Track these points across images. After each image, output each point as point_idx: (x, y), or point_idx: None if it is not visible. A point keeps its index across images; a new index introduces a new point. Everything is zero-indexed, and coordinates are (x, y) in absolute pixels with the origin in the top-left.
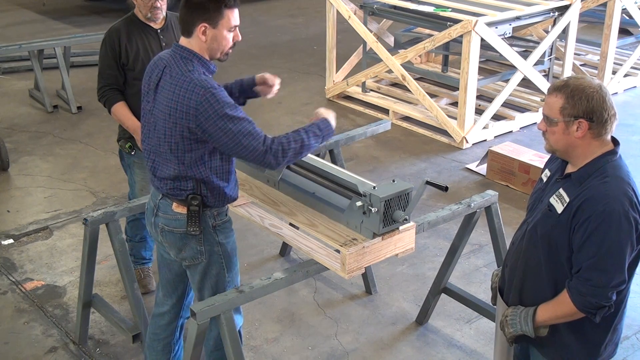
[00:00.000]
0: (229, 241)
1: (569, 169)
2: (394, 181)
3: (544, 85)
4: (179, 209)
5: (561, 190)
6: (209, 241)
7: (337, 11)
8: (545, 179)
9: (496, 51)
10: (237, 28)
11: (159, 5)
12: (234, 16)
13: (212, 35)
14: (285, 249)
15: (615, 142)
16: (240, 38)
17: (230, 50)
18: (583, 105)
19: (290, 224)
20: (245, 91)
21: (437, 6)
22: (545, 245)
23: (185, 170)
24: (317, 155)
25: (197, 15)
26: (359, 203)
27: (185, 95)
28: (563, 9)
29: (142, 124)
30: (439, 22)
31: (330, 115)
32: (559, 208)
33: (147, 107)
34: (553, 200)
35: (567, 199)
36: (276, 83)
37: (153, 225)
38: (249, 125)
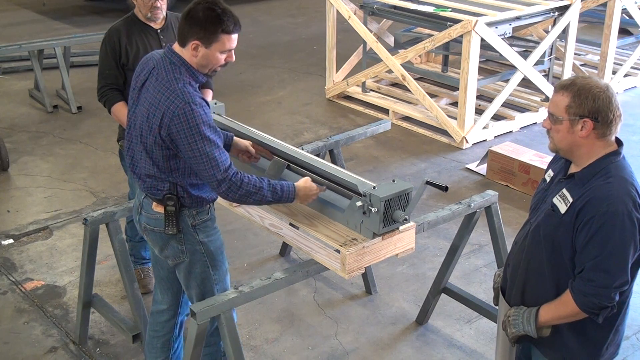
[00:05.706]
0: (212, 239)
1: (573, 169)
2: (394, 181)
3: (544, 85)
4: (158, 208)
5: (564, 191)
6: (190, 240)
7: (337, 11)
8: (548, 179)
9: (496, 51)
10: (233, 51)
11: (159, 5)
12: (229, 41)
13: (203, 54)
14: (285, 249)
15: (619, 142)
16: (233, 59)
17: (219, 69)
18: (589, 104)
19: (290, 224)
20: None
21: (437, 6)
22: (548, 245)
23: (158, 172)
24: (317, 155)
25: (193, 31)
26: (359, 203)
27: (164, 103)
28: (563, 9)
29: (127, 120)
30: (439, 22)
31: (302, 188)
32: (562, 208)
33: (131, 103)
34: (556, 200)
35: (571, 199)
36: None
37: (138, 223)
38: (217, 150)
